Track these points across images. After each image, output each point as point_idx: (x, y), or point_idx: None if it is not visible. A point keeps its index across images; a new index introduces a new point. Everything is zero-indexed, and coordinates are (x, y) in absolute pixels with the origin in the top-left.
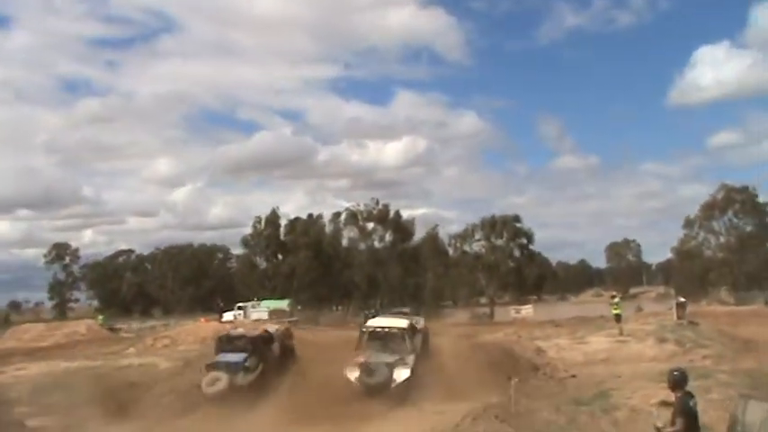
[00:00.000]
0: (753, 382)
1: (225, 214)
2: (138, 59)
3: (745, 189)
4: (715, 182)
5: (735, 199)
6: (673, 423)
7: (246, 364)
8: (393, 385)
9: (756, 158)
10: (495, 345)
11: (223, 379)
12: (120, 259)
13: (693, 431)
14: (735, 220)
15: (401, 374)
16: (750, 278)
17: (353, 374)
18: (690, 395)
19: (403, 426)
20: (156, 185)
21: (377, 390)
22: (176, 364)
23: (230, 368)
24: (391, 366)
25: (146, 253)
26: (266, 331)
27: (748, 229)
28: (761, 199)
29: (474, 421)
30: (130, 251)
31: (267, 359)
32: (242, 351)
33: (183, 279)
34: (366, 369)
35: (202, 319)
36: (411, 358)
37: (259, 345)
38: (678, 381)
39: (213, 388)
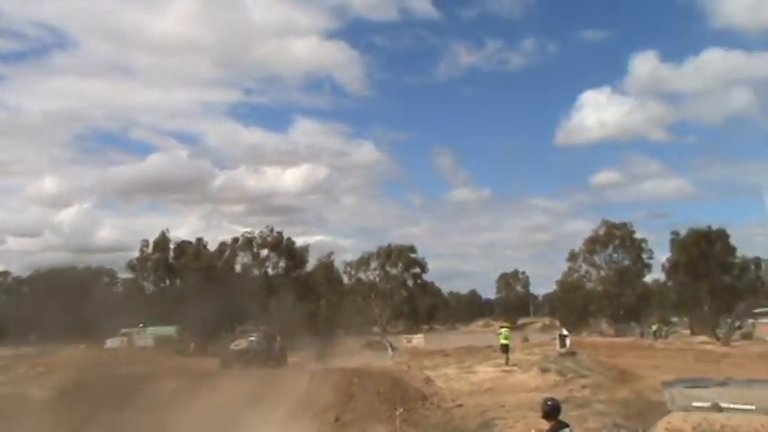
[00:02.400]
0: (627, 412)
1: (113, 237)
2: (28, 74)
3: (623, 225)
4: (597, 218)
5: (615, 234)
6: None
7: (256, 341)
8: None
9: (634, 197)
10: (385, 374)
11: (242, 344)
12: None
13: None
14: (614, 255)
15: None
16: (628, 311)
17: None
18: (563, 424)
19: None
20: (41, 205)
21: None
22: (51, 393)
23: (249, 341)
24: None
25: (24, 275)
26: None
27: (626, 263)
28: (638, 235)
29: None
30: (6, 273)
31: (270, 348)
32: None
33: (63, 303)
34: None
35: (81, 346)
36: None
37: (266, 336)
38: (550, 410)
39: (236, 347)
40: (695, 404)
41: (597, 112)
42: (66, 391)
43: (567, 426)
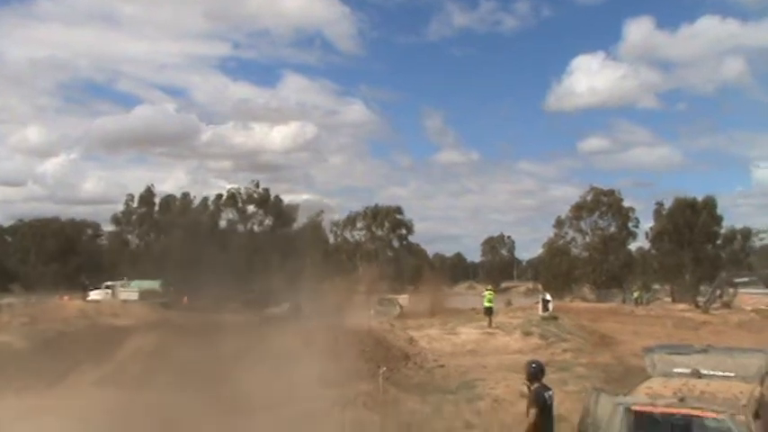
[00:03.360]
0: (607, 376)
1: (98, 189)
2: (12, 20)
3: (611, 192)
4: (584, 184)
5: (602, 201)
6: (527, 413)
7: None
8: None
9: (622, 164)
10: (369, 333)
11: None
12: None
13: (547, 421)
14: (600, 222)
15: None
16: (611, 277)
17: None
18: (545, 387)
19: (274, 413)
20: (25, 154)
21: None
22: (34, 343)
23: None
24: None
25: (7, 225)
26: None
27: (612, 230)
28: (625, 203)
29: (343, 409)
30: None
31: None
32: None
33: (47, 254)
34: None
35: (65, 298)
36: None
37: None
38: (534, 373)
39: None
40: (675, 370)
41: (589, 78)
42: (50, 341)
43: (549, 389)
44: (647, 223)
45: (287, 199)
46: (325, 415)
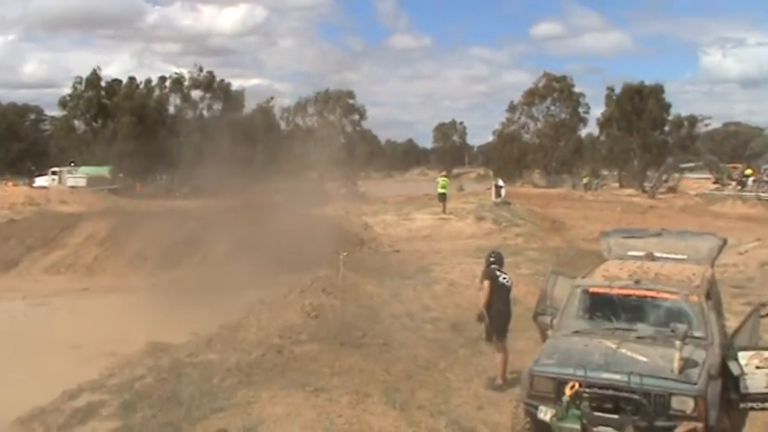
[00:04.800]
0: (559, 260)
1: (40, 73)
2: None
3: (563, 78)
4: (536, 70)
5: (554, 88)
6: (481, 288)
7: None
8: None
9: (573, 50)
10: (324, 219)
11: None
12: None
13: (504, 304)
14: (552, 108)
15: None
16: (561, 163)
17: None
18: (501, 271)
19: (231, 296)
20: None
21: None
22: None
23: None
24: None
25: None
26: None
27: (563, 116)
28: (576, 89)
29: (302, 294)
30: None
31: None
32: None
33: None
34: None
35: (10, 184)
36: None
37: None
38: (493, 262)
39: None
40: (630, 253)
41: None
42: None
43: (505, 274)
44: (597, 109)
45: (237, 83)
46: (284, 300)
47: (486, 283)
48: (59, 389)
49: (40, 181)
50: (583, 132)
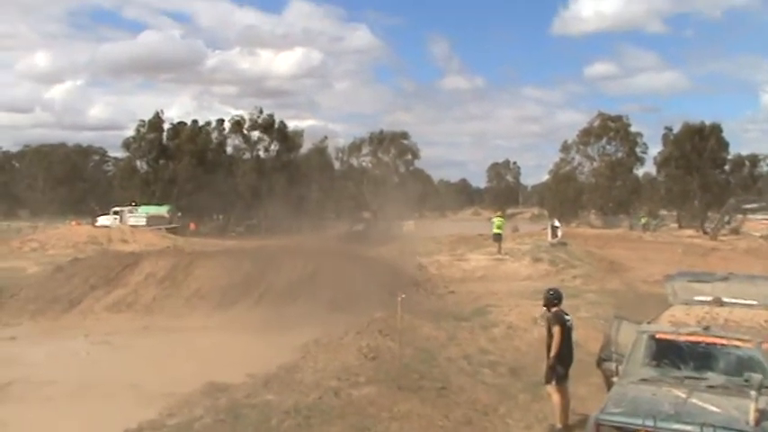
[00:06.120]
0: (618, 302)
1: (105, 115)
2: None
3: (619, 118)
4: (590, 110)
5: (610, 127)
6: (549, 335)
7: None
8: None
9: (628, 90)
10: (379, 259)
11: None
12: None
13: (567, 346)
14: (608, 148)
15: None
16: (618, 203)
17: None
18: (564, 312)
19: (286, 336)
20: (33, 81)
21: None
22: (46, 269)
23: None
24: None
25: (15, 151)
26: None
27: (619, 156)
28: (632, 129)
29: (358, 335)
30: None
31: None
32: None
33: (54, 180)
34: None
35: (74, 223)
36: None
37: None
38: (552, 300)
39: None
40: (697, 298)
41: (596, 2)
42: (62, 267)
43: (567, 314)
44: (653, 149)
45: (292, 124)
46: (340, 341)
47: (557, 328)
48: (120, 428)
49: (103, 220)
50: (640, 172)
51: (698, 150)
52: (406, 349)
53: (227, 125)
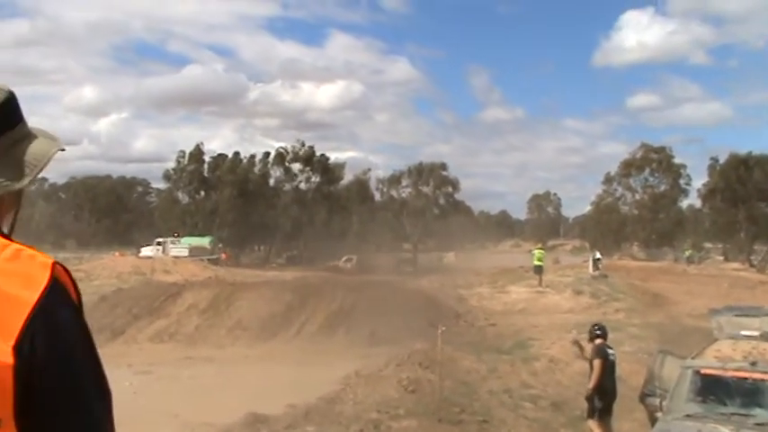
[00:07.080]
0: (662, 336)
1: (149, 147)
2: None
3: (662, 149)
4: (631, 141)
5: (652, 158)
6: (590, 367)
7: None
8: None
9: (670, 121)
10: (419, 291)
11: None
12: (33, 187)
13: (610, 380)
14: (651, 179)
15: None
16: (661, 235)
17: None
18: (607, 346)
19: (326, 368)
20: (80, 114)
21: None
22: (91, 298)
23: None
24: None
25: (61, 182)
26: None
27: (662, 188)
28: (676, 160)
29: (398, 367)
30: (44, 179)
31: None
32: None
33: (99, 211)
34: None
35: (117, 254)
36: None
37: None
38: (597, 335)
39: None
40: (743, 332)
41: (638, 33)
42: (106, 297)
43: (611, 348)
44: (697, 181)
45: (333, 156)
46: (380, 373)
47: (598, 362)
48: None
49: (146, 251)
50: (684, 204)
51: (743, 182)
52: (446, 382)
53: (271, 157)
